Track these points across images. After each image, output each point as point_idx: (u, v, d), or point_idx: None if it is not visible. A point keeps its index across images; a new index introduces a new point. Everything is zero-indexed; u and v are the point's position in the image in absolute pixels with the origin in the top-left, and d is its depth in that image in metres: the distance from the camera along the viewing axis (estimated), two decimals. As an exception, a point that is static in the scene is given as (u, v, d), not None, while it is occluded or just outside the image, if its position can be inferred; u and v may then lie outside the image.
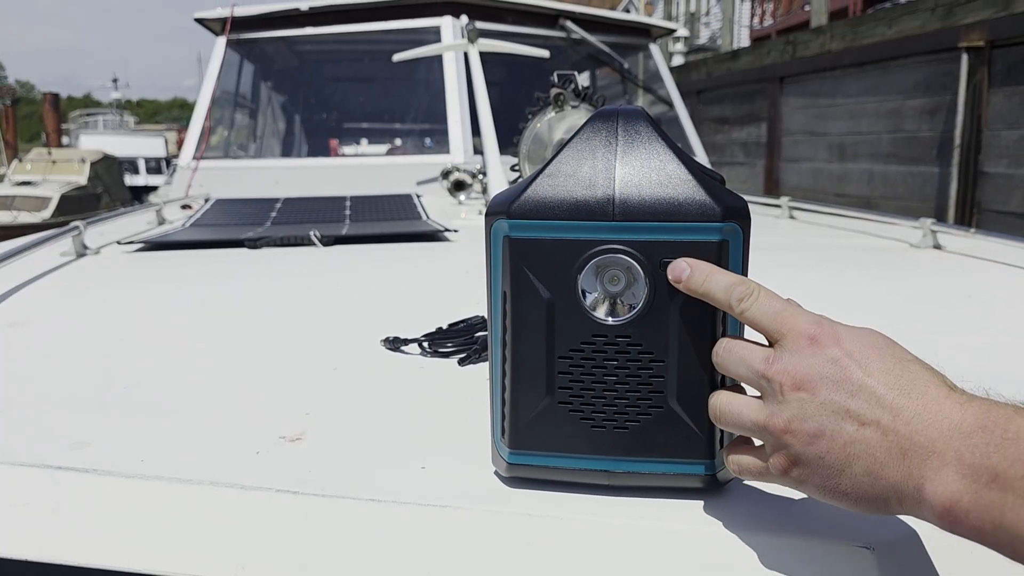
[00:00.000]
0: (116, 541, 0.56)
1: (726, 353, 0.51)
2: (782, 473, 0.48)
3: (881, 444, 0.43)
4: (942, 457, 0.41)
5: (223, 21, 3.03)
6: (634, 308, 0.53)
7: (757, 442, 0.51)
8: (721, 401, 0.51)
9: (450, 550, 0.53)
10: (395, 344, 0.91)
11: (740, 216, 0.52)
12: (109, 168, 16.10)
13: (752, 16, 13.29)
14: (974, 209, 5.02)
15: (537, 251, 0.53)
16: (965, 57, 4.94)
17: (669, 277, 0.52)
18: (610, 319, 0.53)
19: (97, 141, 22.90)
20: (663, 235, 0.52)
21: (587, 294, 0.53)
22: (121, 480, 0.59)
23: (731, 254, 0.52)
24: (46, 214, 12.56)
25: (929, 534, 0.52)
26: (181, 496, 0.58)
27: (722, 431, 0.55)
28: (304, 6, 2.98)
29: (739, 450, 0.52)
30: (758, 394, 0.50)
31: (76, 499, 0.59)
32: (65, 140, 25.37)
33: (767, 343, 0.50)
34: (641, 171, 0.53)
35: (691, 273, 0.51)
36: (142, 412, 0.74)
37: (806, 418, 0.45)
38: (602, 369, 0.54)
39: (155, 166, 23.46)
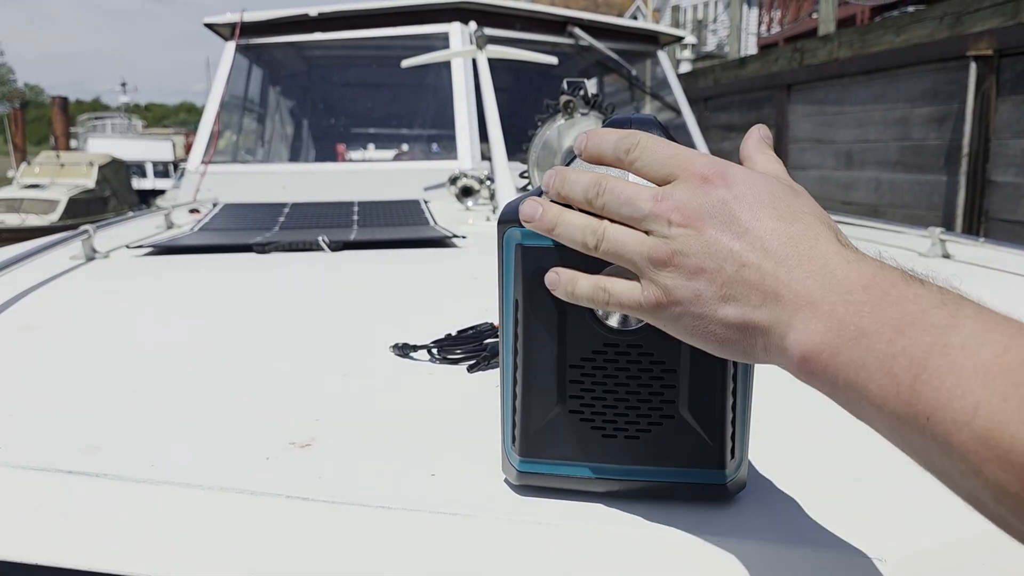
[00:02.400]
0: (126, 546, 0.56)
1: (609, 194, 0.48)
2: (655, 307, 0.46)
3: (759, 288, 0.43)
4: (815, 308, 0.41)
5: (232, 26, 3.04)
6: None
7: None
8: (609, 231, 0.48)
9: (460, 558, 0.53)
10: (404, 350, 0.91)
11: None
12: (117, 172, 16.17)
13: (759, 23, 13.30)
14: (982, 218, 5.02)
15: (550, 259, 0.53)
16: (973, 65, 4.94)
17: (575, 150, 0.52)
18: (621, 328, 0.53)
19: (105, 145, 23.00)
20: None
21: None
22: (131, 484, 0.59)
23: None
24: (54, 217, 12.62)
25: (942, 548, 0.52)
26: (190, 501, 0.58)
27: (732, 440, 0.55)
28: (313, 12, 2.99)
29: (614, 278, 0.49)
30: None
31: (86, 503, 0.59)
32: (73, 144, 25.51)
33: None
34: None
35: (588, 140, 0.51)
36: (152, 417, 0.74)
37: (689, 254, 0.44)
38: (613, 378, 0.54)
39: (163, 170, 23.56)
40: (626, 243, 0.47)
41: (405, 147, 3.54)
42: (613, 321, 0.53)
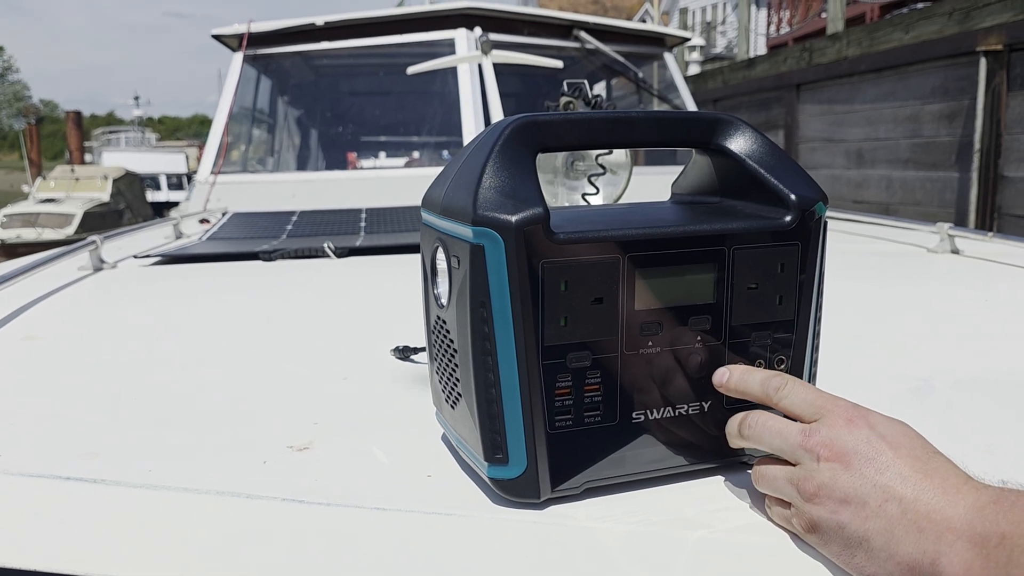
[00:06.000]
0: (123, 551, 0.56)
1: (760, 427, 0.55)
2: (805, 532, 0.51)
3: (900, 521, 0.46)
4: (957, 532, 0.44)
5: (240, 37, 3.06)
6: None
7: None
8: (760, 470, 0.54)
9: (455, 558, 0.53)
10: (404, 353, 0.91)
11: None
12: (131, 184, 16.29)
13: (768, 24, 13.26)
14: (995, 214, 4.97)
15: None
16: (983, 61, 4.91)
17: (713, 382, 0.57)
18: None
19: (119, 158, 23.17)
20: None
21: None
22: (128, 490, 0.60)
23: None
24: (70, 231, 12.71)
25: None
26: (187, 506, 0.58)
27: (499, 436, 0.56)
28: (320, 21, 3.00)
29: (773, 500, 0.54)
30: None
31: (84, 509, 0.59)
32: (88, 158, 25.69)
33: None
34: None
35: (730, 376, 0.57)
36: (152, 423, 0.74)
37: (835, 487, 0.49)
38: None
39: (176, 182, 23.69)
40: (778, 476, 0.53)
41: (416, 155, 3.55)
42: (444, 300, 0.58)
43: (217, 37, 3.16)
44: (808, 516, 0.50)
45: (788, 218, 0.58)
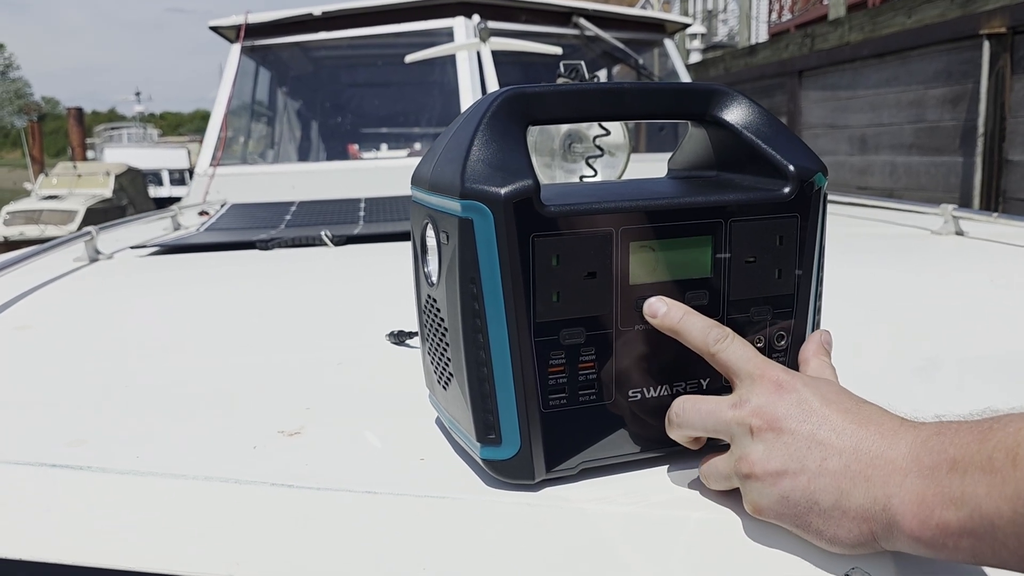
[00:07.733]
0: (110, 538, 0.54)
1: (690, 411, 0.52)
2: (755, 514, 0.49)
3: (844, 474, 0.45)
4: (904, 471, 0.43)
5: (237, 28, 3.04)
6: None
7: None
8: (704, 469, 0.53)
9: (449, 542, 0.52)
10: (399, 338, 0.90)
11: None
12: (133, 180, 16.28)
13: (770, 11, 13.18)
14: (999, 198, 4.94)
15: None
16: (987, 44, 4.87)
17: (644, 313, 0.54)
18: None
19: (121, 154, 23.13)
20: None
21: None
22: (115, 477, 0.58)
23: None
24: (72, 227, 12.68)
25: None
26: (175, 492, 0.57)
27: (491, 416, 0.55)
28: (317, 11, 2.98)
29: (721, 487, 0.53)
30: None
31: (71, 497, 0.58)
32: (90, 154, 25.67)
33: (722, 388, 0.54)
34: None
35: (667, 312, 0.53)
36: (142, 410, 0.73)
37: (771, 458, 0.47)
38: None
39: (179, 177, 23.64)
40: (718, 466, 0.51)
41: (417, 146, 3.53)
42: (434, 278, 0.57)
43: (214, 28, 3.14)
44: (750, 497, 0.48)
45: (787, 189, 0.56)
